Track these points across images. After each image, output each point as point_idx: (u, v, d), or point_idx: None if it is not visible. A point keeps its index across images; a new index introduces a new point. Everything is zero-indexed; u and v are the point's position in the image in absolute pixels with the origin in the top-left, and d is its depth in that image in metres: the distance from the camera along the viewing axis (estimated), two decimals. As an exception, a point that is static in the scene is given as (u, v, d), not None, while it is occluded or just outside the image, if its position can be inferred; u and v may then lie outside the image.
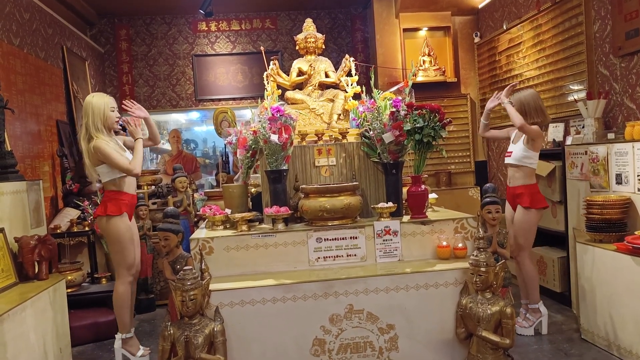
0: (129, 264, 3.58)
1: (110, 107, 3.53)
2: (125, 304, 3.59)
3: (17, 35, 5.09)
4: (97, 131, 3.46)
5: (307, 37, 4.17)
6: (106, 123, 3.50)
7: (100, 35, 7.77)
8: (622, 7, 4.11)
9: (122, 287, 3.59)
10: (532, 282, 3.88)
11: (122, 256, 3.56)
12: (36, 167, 5.18)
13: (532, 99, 3.76)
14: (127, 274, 3.59)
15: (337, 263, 3.16)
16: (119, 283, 3.60)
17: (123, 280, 3.59)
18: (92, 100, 3.52)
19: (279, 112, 3.26)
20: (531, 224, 3.81)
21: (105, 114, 3.50)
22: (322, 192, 3.18)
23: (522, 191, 3.78)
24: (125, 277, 3.59)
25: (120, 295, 3.58)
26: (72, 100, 6.22)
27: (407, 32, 6.75)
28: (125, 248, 3.54)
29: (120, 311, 3.60)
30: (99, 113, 3.48)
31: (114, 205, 3.48)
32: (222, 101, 7.95)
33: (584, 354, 3.52)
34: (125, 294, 3.59)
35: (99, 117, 3.48)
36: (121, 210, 3.49)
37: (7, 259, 3.39)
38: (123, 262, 3.57)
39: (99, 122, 3.48)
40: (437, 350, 2.97)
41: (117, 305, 3.59)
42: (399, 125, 3.28)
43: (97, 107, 3.49)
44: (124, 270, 3.58)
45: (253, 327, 2.87)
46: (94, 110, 3.48)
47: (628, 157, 3.56)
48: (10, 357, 2.76)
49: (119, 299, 3.59)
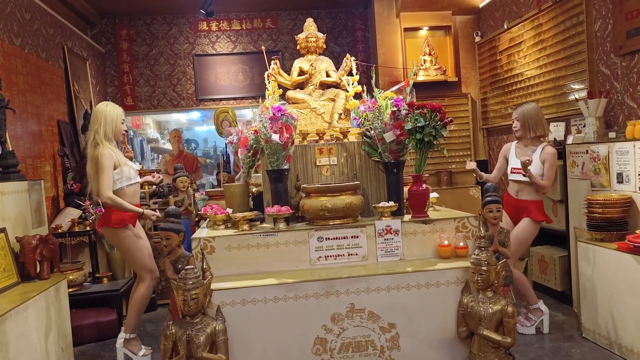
0: (149, 267, 3.67)
1: (121, 119, 3.63)
2: (142, 306, 3.69)
3: (18, 35, 5.09)
4: (106, 140, 3.52)
5: (308, 37, 4.17)
6: (115, 133, 3.58)
7: (101, 35, 7.78)
8: (623, 6, 4.11)
9: (146, 290, 3.68)
10: (522, 286, 3.93)
11: (139, 261, 3.64)
12: (37, 167, 5.19)
13: (535, 112, 3.90)
14: (150, 277, 3.69)
15: (339, 262, 3.16)
16: (142, 286, 3.68)
17: (147, 284, 3.68)
18: (106, 109, 3.58)
19: (280, 112, 3.26)
20: (531, 236, 3.90)
21: (117, 125, 3.58)
22: (324, 191, 3.18)
23: (534, 207, 3.86)
24: (148, 281, 3.68)
25: (141, 296, 3.67)
26: (73, 100, 6.23)
27: (408, 31, 6.75)
28: (139, 254, 3.62)
29: (134, 311, 3.67)
30: (111, 123, 3.55)
31: (118, 217, 3.52)
32: (222, 101, 7.95)
33: (585, 353, 3.53)
34: (146, 296, 3.69)
35: (111, 127, 3.55)
36: (125, 222, 3.54)
37: (8, 259, 3.39)
38: (142, 266, 3.66)
39: (110, 132, 3.55)
40: (438, 349, 2.97)
41: (134, 305, 3.66)
42: (400, 125, 3.28)
43: (110, 117, 3.56)
44: (146, 274, 3.67)
45: (255, 326, 2.87)
46: (106, 119, 3.54)
47: (629, 156, 3.56)
48: (12, 356, 2.76)
49: (139, 300, 3.66)
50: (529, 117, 3.87)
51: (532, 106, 3.95)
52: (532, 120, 3.86)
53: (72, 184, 5.35)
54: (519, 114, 3.93)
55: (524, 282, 3.94)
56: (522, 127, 3.91)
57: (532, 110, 3.90)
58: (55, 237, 4.03)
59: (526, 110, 3.91)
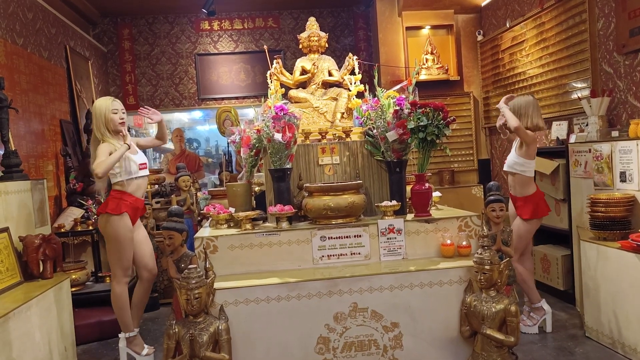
0: (124, 266, 3.57)
1: (111, 110, 3.54)
2: (123, 304, 3.59)
3: (21, 35, 5.10)
4: (102, 134, 3.51)
5: (311, 36, 4.17)
6: (109, 126, 3.53)
7: (103, 34, 7.78)
8: (626, 5, 4.10)
9: (118, 287, 3.57)
10: (525, 283, 3.91)
11: (118, 256, 3.54)
12: (40, 166, 5.20)
13: (527, 103, 3.83)
14: (123, 274, 3.57)
15: (341, 261, 3.16)
16: (114, 283, 3.59)
17: (118, 281, 3.57)
18: (96, 104, 3.60)
19: (282, 111, 3.26)
20: (526, 232, 3.86)
21: (107, 117, 3.52)
22: (326, 190, 3.18)
23: (521, 204, 3.84)
24: (121, 278, 3.57)
25: (117, 296, 3.57)
26: (75, 99, 6.23)
27: (410, 30, 6.75)
28: (123, 248, 3.53)
29: (119, 312, 3.59)
30: (100, 116, 3.53)
31: (114, 204, 3.48)
32: (224, 100, 7.95)
33: (588, 352, 3.52)
34: (122, 294, 3.57)
35: (101, 121, 3.53)
36: (121, 209, 3.48)
37: (12, 258, 3.40)
38: (119, 262, 3.55)
39: (102, 126, 3.53)
40: (441, 348, 2.97)
41: (116, 306, 3.59)
42: (402, 124, 3.27)
43: (98, 111, 3.54)
44: (119, 270, 3.56)
45: (257, 326, 2.87)
46: (96, 114, 3.55)
47: (632, 155, 3.55)
48: (15, 355, 2.77)
49: (117, 300, 3.58)
50: (519, 106, 3.80)
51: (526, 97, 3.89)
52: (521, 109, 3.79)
53: (75, 184, 5.36)
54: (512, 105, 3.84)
55: (527, 279, 3.92)
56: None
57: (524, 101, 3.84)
58: (58, 237, 4.03)
59: (516, 100, 3.85)
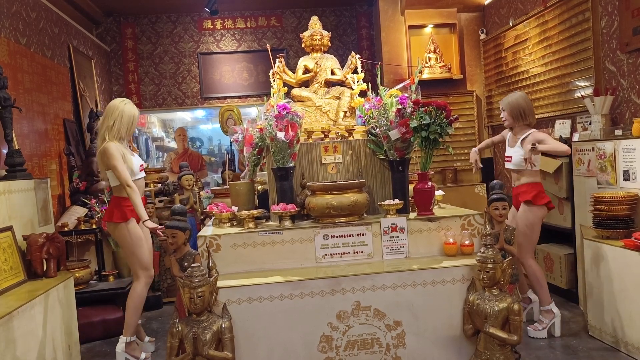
0: (144, 265, 3.60)
1: (137, 121, 3.61)
2: (138, 305, 3.60)
3: (24, 34, 5.11)
4: (117, 137, 3.49)
5: (313, 35, 4.17)
6: (128, 133, 3.57)
7: (106, 33, 7.79)
8: (630, 3, 4.09)
9: (140, 288, 3.60)
10: (538, 283, 3.80)
11: (136, 257, 3.58)
12: (43, 165, 5.21)
13: (524, 101, 3.81)
14: (145, 274, 3.61)
15: (344, 260, 3.17)
16: (136, 284, 3.61)
17: (140, 281, 3.60)
18: (125, 107, 3.53)
19: (285, 110, 3.26)
20: (532, 221, 3.71)
21: (132, 127, 3.57)
22: (329, 189, 3.18)
23: (525, 189, 3.75)
24: (142, 278, 3.60)
25: (137, 294, 3.59)
26: (78, 98, 6.25)
27: (413, 29, 6.74)
28: (137, 250, 3.56)
29: (131, 311, 3.59)
30: (127, 122, 3.52)
31: (119, 212, 3.51)
32: (227, 99, 7.96)
33: (592, 351, 3.52)
34: (142, 295, 3.60)
35: (126, 127, 3.52)
36: (126, 217, 3.51)
37: (15, 257, 3.41)
38: (138, 262, 3.59)
39: (124, 131, 3.52)
40: (444, 346, 2.97)
41: (131, 305, 3.58)
42: (405, 122, 3.27)
43: (127, 117, 3.52)
44: (140, 270, 3.60)
45: (260, 324, 2.88)
46: (123, 117, 3.50)
47: (636, 154, 3.55)
48: (19, 353, 2.78)
49: (135, 300, 3.58)
50: (517, 106, 3.77)
51: (518, 94, 3.88)
52: (521, 108, 3.76)
53: (78, 183, 5.37)
54: (505, 105, 3.84)
55: (539, 279, 3.79)
56: (510, 116, 3.81)
57: (520, 99, 3.81)
58: (62, 235, 4.04)
59: (514, 99, 3.81)
